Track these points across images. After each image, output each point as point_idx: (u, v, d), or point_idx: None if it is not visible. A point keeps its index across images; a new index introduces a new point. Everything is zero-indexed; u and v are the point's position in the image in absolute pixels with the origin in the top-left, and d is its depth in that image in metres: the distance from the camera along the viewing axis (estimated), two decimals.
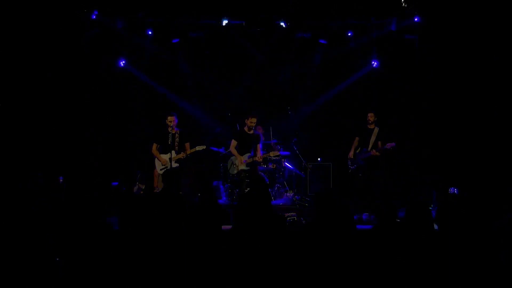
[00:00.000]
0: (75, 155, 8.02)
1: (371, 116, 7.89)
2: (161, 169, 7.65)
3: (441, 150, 8.38)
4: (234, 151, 7.81)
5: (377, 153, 7.68)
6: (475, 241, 4.24)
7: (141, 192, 8.40)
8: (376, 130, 7.88)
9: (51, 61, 7.94)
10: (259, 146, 7.80)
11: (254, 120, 7.69)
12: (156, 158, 7.69)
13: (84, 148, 8.50)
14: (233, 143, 7.84)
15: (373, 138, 7.83)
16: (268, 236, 4.67)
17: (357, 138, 8.10)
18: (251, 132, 7.70)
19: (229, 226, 5.06)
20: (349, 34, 9.11)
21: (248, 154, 7.65)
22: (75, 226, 4.51)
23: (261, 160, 7.74)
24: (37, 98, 7.82)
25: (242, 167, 7.73)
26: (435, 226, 4.37)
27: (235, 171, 7.88)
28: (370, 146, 7.83)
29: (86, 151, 8.62)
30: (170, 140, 7.50)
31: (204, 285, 4.38)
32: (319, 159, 9.70)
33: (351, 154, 8.05)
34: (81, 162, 8.23)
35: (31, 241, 4.69)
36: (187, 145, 7.62)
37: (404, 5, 8.35)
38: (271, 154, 7.93)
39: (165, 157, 7.59)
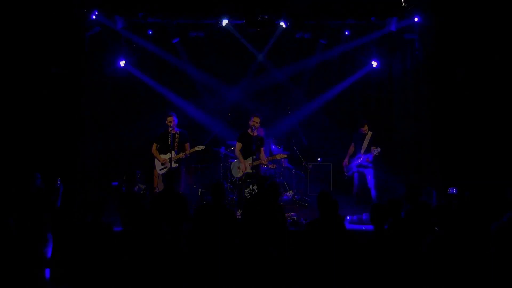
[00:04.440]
0: (73, 156, 8.00)
1: (364, 130, 7.90)
2: (160, 169, 7.65)
3: (441, 150, 8.36)
4: (238, 154, 7.68)
5: (370, 161, 7.68)
6: (474, 240, 4.24)
7: (142, 192, 8.39)
8: (370, 134, 7.87)
9: (50, 61, 7.92)
10: (263, 148, 7.68)
11: (257, 120, 7.59)
12: (155, 158, 7.70)
13: (83, 149, 8.48)
14: (238, 146, 7.71)
15: (365, 143, 7.81)
16: (272, 234, 4.69)
17: (352, 145, 8.09)
18: (255, 133, 7.57)
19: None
20: (349, 34, 9.10)
21: (253, 157, 7.47)
22: (74, 227, 4.52)
23: (265, 163, 7.66)
24: (36, 99, 7.80)
25: (247, 170, 7.59)
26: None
27: (239, 174, 7.77)
28: (363, 150, 7.81)
29: (85, 152, 8.60)
30: (170, 140, 7.51)
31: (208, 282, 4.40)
32: (319, 159, 9.71)
33: (346, 161, 8.05)
34: (79, 163, 8.21)
35: (31, 241, 4.69)
36: (187, 145, 7.63)
37: (404, 5, 8.33)
38: (278, 156, 7.89)
39: (165, 157, 7.59)
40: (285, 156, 8.08)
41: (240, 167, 7.71)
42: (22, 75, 7.71)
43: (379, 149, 7.50)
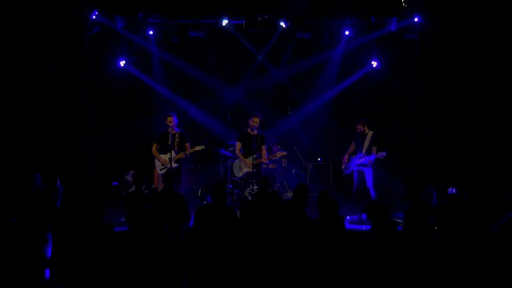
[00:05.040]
0: (73, 156, 8.00)
1: (359, 128, 7.87)
2: (161, 169, 7.65)
3: (441, 150, 8.37)
4: (239, 154, 7.71)
5: (371, 162, 7.65)
6: (474, 240, 4.24)
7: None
8: (370, 134, 7.84)
9: (50, 62, 7.92)
10: (264, 147, 7.71)
11: (257, 120, 7.61)
12: (156, 159, 7.70)
13: (83, 149, 8.49)
14: (238, 145, 7.74)
15: (366, 143, 7.80)
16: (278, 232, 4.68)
17: (353, 143, 8.08)
18: (255, 132, 7.60)
19: None
20: (349, 34, 9.09)
21: (254, 156, 7.49)
22: (74, 227, 4.52)
23: (266, 161, 7.68)
24: (36, 99, 7.80)
25: (248, 169, 7.61)
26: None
27: (240, 174, 7.79)
28: (364, 150, 7.79)
29: (85, 152, 8.61)
30: (170, 140, 7.51)
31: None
32: (319, 159, 9.71)
33: (345, 158, 8.04)
34: (79, 163, 8.22)
35: (31, 241, 4.69)
36: (187, 145, 7.63)
37: (404, 5, 8.32)
38: (278, 155, 7.89)
39: (165, 157, 7.59)
40: (284, 153, 8.08)
41: (241, 166, 7.72)
42: (22, 75, 7.71)
43: (384, 154, 7.49)
